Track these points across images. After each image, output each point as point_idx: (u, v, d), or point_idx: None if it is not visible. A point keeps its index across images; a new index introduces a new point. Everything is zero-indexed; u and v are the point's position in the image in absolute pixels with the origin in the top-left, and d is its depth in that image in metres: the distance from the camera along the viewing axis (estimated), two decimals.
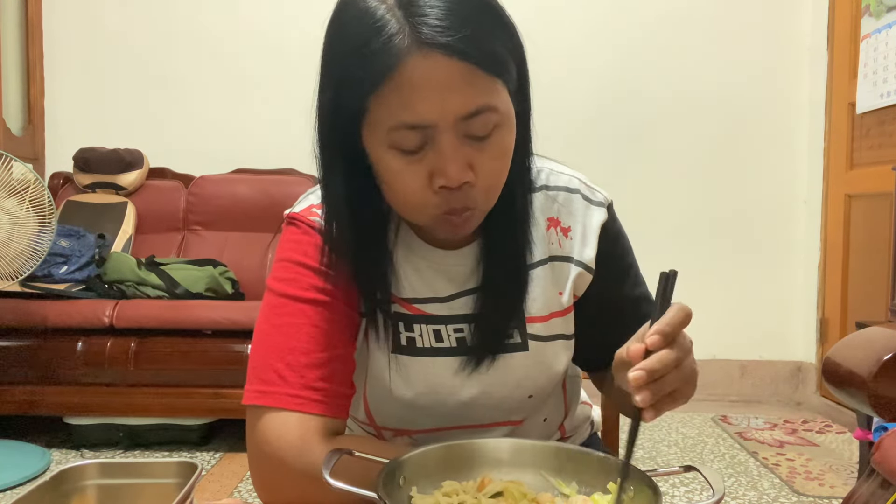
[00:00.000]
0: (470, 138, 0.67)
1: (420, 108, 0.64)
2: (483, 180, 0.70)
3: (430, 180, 0.68)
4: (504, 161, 0.71)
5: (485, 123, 0.67)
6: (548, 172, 0.86)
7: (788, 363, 3.35)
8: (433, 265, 0.82)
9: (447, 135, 0.66)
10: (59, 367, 2.47)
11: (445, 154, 0.66)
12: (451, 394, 0.83)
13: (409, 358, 0.82)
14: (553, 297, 0.84)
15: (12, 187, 2.35)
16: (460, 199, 0.69)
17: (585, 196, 0.85)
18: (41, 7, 3.37)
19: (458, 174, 0.67)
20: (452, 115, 0.65)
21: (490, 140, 0.68)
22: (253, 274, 2.91)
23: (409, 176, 0.68)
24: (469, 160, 0.68)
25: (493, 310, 0.81)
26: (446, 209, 0.70)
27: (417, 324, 0.82)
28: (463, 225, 0.72)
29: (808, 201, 3.31)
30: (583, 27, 3.31)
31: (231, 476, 2.32)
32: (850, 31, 2.99)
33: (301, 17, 3.35)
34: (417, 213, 0.72)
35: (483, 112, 0.66)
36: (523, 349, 0.82)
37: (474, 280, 0.82)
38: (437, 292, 0.82)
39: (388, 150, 0.68)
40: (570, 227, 0.84)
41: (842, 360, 1.00)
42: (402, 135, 0.66)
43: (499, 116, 0.68)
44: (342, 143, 0.73)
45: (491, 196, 0.73)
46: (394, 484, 0.72)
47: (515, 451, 0.80)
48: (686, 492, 2.18)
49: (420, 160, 0.68)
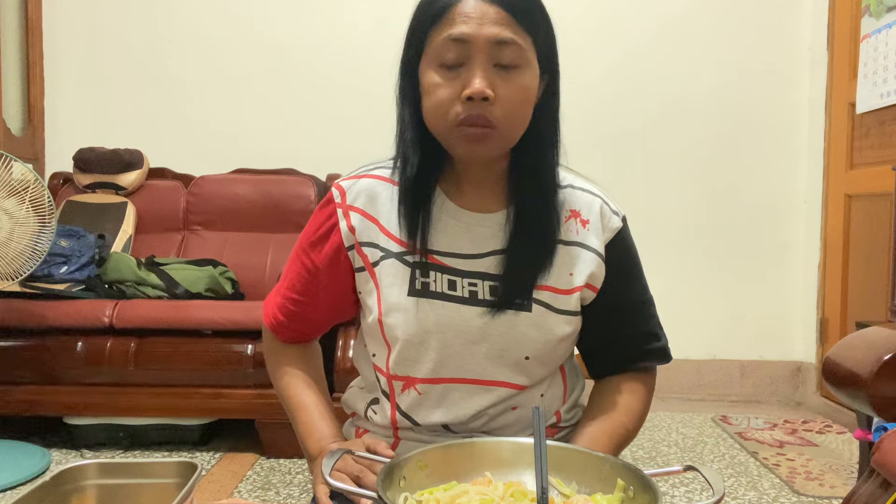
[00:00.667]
0: (498, 67, 0.84)
1: (464, 27, 0.83)
2: (502, 103, 0.84)
3: (459, 93, 0.84)
4: (523, 95, 0.86)
5: (512, 56, 0.84)
6: (573, 178, 0.99)
7: (788, 363, 3.35)
8: (462, 225, 0.94)
9: (480, 56, 0.84)
10: (59, 367, 2.47)
11: (475, 70, 0.83)
12: (456, 334, 0.91)
13: (422, 299, 0.92)
14: (563, 275, 0.94)
15: (12, 187, 2.35)
16: (479, 109, 0.84)
17: (605, 202, 0.98)
18: (41, 7, 3.37)
19: (482, 87, 0.83)
20: (486, 38, 0.83)
21: (514, 72, 0.85)
22: (253, 274, 2.90)
23: (444, 89, 0.85)
24: (493, 82, 0.84)
25: (511, 270, 0.91)
26: (465, 116, 0.84)
27: (434, 271, 0.93)
28: (480, 139, 0.86)
29: (808, 201, 3.31)
30: (583, 28, 3.31)
31: (231, 476, 2.32)
32: (850, 31, 2.99)
33: (301, 17, 3.35)
34: (444, 121, 0.86)
35: (511, 45, 0.84)
36: (527, 310, 0.92)
37: (497, 244, 0.93)
38: (460, 249, 0.93)
39: (433, 67, 0.86)
40: (588, 220, 0.96)
41: (842, 360, 1.00)
42: (446, 47, 0.84)
43: (524, 57, 0.85)
44: (410, 85, 0.91)
45: (509, 121, 0.86)
46: (393, 484, 0.72)
47: (515, 451, 0.80)
48: (686, 492, 2.18)
49: (456, 76, 0.85)
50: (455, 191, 0.96)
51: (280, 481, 2.29)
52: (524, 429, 0.96)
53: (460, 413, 0.93)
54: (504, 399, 0.94)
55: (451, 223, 0.94)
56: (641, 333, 1.00)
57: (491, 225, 0.94)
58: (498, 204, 0.95)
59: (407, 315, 0.92)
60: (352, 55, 3.31)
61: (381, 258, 0.94)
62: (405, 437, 0.98)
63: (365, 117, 3.13)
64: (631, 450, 2.61)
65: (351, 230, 0.95)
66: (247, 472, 2.35)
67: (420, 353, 0.93)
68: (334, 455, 0.77)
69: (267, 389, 2.46)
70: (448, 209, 0.95)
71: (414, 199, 0.93)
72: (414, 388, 0.94)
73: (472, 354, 0.92)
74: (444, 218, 0.94)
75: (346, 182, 0.98)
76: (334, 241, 0.96)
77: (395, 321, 0.92)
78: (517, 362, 0.93)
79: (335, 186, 0.99)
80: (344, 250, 0.96)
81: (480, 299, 0.91)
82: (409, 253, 0.93)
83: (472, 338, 0.92)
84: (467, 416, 0.93)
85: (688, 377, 3.33)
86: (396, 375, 0.95)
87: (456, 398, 0.93)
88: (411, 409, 0.95)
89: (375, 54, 3.07)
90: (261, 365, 2.45)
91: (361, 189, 0.97)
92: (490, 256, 0.93)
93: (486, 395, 0.93)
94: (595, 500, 0.73)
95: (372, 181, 0.97)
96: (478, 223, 0.94)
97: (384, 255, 0.94)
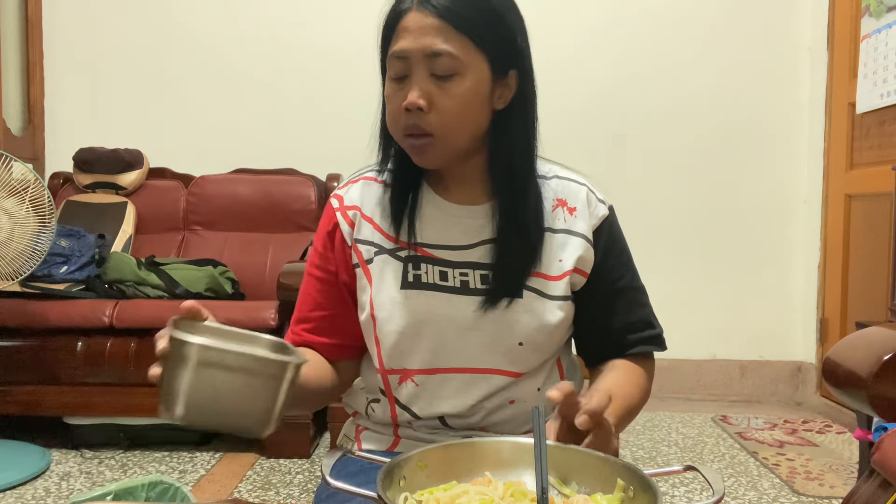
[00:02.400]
0: (434, 77, 0.88)
1: (404, 42, 0.88)
2: (439, 111, 0.88)
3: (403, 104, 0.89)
4: (460, 103, 0.89)
5: (446, 66, 0.87)
6: (558, 169, 1.02)
7: (788, 363, 3.35)
8: (450, 218, 0.97)
9: (418, 68, 0.88)
10: (59, 367, 2.47)
11: (412, 82, 0.88)
12: (449, 324, 0.94)
13: (414, 291, 0.95)
14: (553, 261, 0.96)
15: (12, 187, 2.35)
16: (415, 119, 0.88)
17: (591, 191, 1.01)
18: (41, 7, 3.37)
19: (413, 99, 0.87)
20: (420, 50, 0.87)
21: (450, 81, 0.88)
22: (253, 274, 2.91)
23: (394, 100, 0.90)
24: (429, 92, 0.88)
25: (503, 258, 0.94)
26: (405, 125, 0.89)
27: (425, 264, 0.96)
28: (422, 150, 0.90)
29: (808, 201, 3.31)
30: (583, 27, 3.31)
31: (231, 476, 2.32)
32: (850, 31, 2.99)
33: (301, 17, 3.35)
34: (396, 131, 0.92)
35: (444, 55, 0.87)
36: (518, 297, 0.94)
37: (486, 234, 0.96)
38: (450, 241, 0.96)
39: (389, 80, 0.91)
40: (575, 208, 0.98)
41: (842, 360, 1.00)
42: (392, 63, 0.90)
43: (460, 65, 0.88)
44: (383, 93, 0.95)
45: (448, 128, 0.89)
46: (393, 484, 0.72)
47: (515, 451, 0.80)
48: (686, 492, 2.19)
49: (402, 88, 0.89)
50: (440, 186, 0.99)
51: (280, 481, 2.29)
52: (523, 424, 0.97)
53: (458, 403, 0.94)
54: (500, 389, 0.95)
55: (439, 216, 0.98)
56: (636, 320, 1.00)
57: (478, 217, 0.97)
58: (483, 196, 0.98)
59: (400, 307, 0.94)
60: (352, 55, 3.31)
61: (374, 254, 0.98)
62: (405, 435, 0.99)
63: (365, 117, 3.12)
64: (631, 450, 2.62)
65: (350, 226, 0.99)
66: (247, 472, 2.35)
67: (414, 344, 0.94)
68: (334, 455, 0.77)
69: None
70: (435, 203, 0.98)
71: (400, 196, 0.97)
72: (411, 379, 0.95)
73: (465, 343, 0.94)
74: (432, 212, 0.98)
75: (341, 190, 1.03)
76: (339, 239, 1.00)
77: (388, 314, 0.95)
78: (510, 348, 0.94)
79: (333, 196, 1.03)
80: (348, 247, 1.00)
81: (472, 288, 0.94)
82: (401, 248, 0.97)
83: (466, 326, 0.93)
84: (465, 407, 0.94)
85: (688, 377, 3.33)
86: (392, 369, 0.97)
87: (452, 388, 0.95)
88: (410, 402, 0.96)
89: (376, 54, 3.07)
90: None
91: (355, 192, 1.02)
92: (480, 247, 0.96)
93: (483, 383, 0.94)
94: (595, 500, 0.73)
95: (363, 183, 1.02)
96: (466, 215, 0.97)
97: (377, 251, 0.98)
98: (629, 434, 2.78)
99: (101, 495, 0.90)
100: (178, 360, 0.65)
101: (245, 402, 0.68)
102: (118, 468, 2.38)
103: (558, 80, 3.22)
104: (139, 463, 2.42)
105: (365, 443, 1.02)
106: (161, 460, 2.44)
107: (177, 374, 0.65)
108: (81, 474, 2.31)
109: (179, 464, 2.43)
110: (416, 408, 0.96)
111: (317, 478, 2.30)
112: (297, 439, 2.47)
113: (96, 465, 2.39)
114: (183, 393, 0.65)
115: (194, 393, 0.66)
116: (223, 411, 0.68)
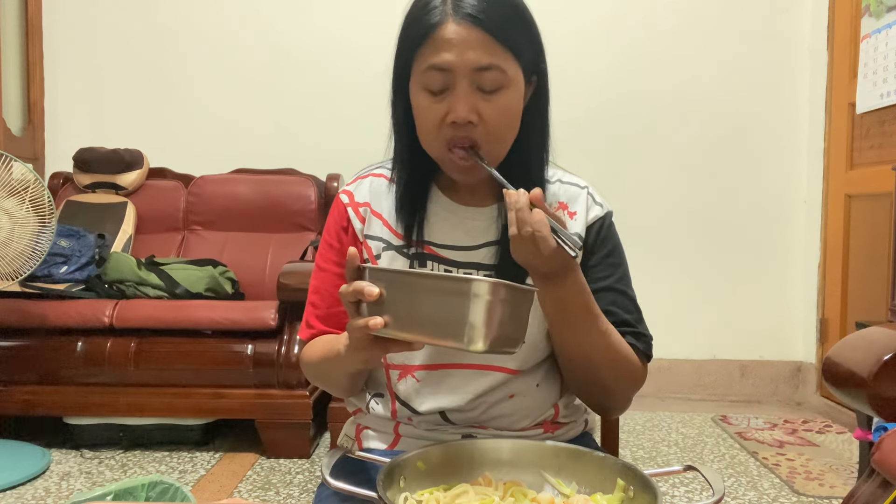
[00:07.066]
0: (480, 91, 0.87)
1: (446, 55, 0.85)
2: (486, 124, 0.87)
3: (444, 117, 0.88)
4: (506, 116, 0.89)
5: (493, 80, 0.86)
6: (561, 174, 1.03)
7: (788, 363, 3.35)
8: (456, 218, 0.99)
9: (463, 81, 0.86)
10: (59, 367, 2.47)
11: (459, 96, 0.86)
12: None
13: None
14: None
15: (12, 187, 2.35)
16: (465, 132, 0.87)
17: (590, 194, 1.02)
18: (41, 7, 3.37)
19: (465, 113, 0.86)
20: (468, 65, 0.85)
21: (496, 95, 0.87)
22: (253, 274, 2.91)
23: (431, 113, 0.88)
24: (476, 106, 0.87)
25: (505, 260, 0.94)
26: (451, 137, 0.88)
27: (431, 262, 0.97)
28: (468, 167, 0.90)
29: (808, 201, 3.31)
30: (583, 27, 3.31)
31: (231, 476, 2.32)
32: (850, 31, 2.99)
33: (301, 17, 3.35)
34: (432, 145, 0.91)
35: (492, 69, 0.86)
36: None
37: (491, 236, 0.97)
38: (455, 241, 0.98)
39: (420, 90, 0.89)
40: (575, 212, 1.00)
41: (842, 360, 1.00)
42: (430, 76, 0.87)
43: (506, 79, 0.87)
44: (401, 99, 0.94)
45: (494, 141, 0.89)
46: (393, 484, 0.72)
47: (515, 451, 0.80)
48: (686, 492, 2.19)
49: (441, 101, 0.88)
50: (449, 187, 1.00)
51: (280, 481, 2.29)
52: (523, 418, 0.98)
53: (458, 398, 0.95)
54: (499, 384, 0.96)
55: (446, 217, 0.99)
56: (614, 321, 0.97)
57: (484, 218, 0.98)
58: (490, 198, 0.99)
59: None
60: (352, 55, 3.31)
61: (382, 250, 0.99)
62: (405, 433, 0.99)
63: (365, 117, 3.13)
64: (631, 450, 2.62)
65: (361, 222, 1.01)
66: (247, 472, 2.35)
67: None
68: (334, 455, 0.77)
69: (267, 389, 2.46)
70: (443, 204, 1.00)
71: (410, 196, 0.98)
72: (412, 375, 0.97)
73: None
74: (439, 212, 0.99)
75: (351, 185, 1.04)
76: (352, 234, 1.01)
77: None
78: None
79: (342, 192, 1.04)
80: (359, 243, 1.01)
81: None
82: (408, 246, 0.98)
83: None
84: (465, 401, 0.95)
85: (688, 377, 3.32)
86: (393, 364, 0.98)
87: (453, 384, 0.95)
88: (409, 397, 0.97)
89: (375, 54, 3.06)
90: (260, 365, 2.45)
91: (365, 188, 1.03)
92: (484, 248, 0.97)
93: (482, 378, 0.95)
94: (595, 500, 0.73)
95: (374, 180, 1.03)
96: (471, 217, 0.99)
97: (385, 247, 0.99)
98: (629, 434, 2.78)
99: (101, 495, 0.90)
100: (462, 296, 0.70)
101: (521, 325, 0.78)
102: (118, 468, 2.38)
103: (558, 80, 3.22)
104: (139, 463, 2.42)
105: (365, 442, 1.02)
106: (161, 460, 2.44)
107: (467, 310, 0.70)
108: (81, 474, 2.32)
109: (179, 464, 2.43)
110: (416, 404, 0.97)
111: (317, 478, 2.30)
112: (297, 439, 2.47)
113: (96, 465, 2.39)
114: (483, 325, 0.70)
115: (491, 324, 0.71)
116: (512, 336, 0.75)
